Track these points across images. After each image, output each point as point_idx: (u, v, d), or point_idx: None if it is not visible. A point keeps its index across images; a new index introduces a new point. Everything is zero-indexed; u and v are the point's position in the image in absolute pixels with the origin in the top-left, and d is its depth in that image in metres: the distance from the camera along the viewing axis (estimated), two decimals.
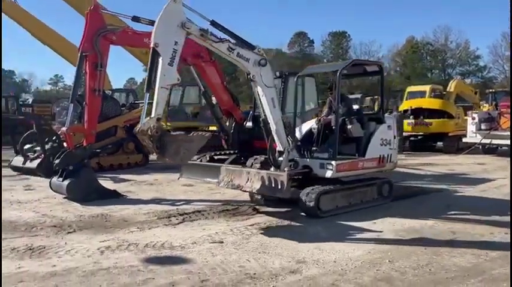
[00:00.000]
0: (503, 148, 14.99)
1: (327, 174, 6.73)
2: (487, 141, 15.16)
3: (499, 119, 15.54)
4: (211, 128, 16.76)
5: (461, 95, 19.76)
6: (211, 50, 6.67)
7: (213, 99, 10.37)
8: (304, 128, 7.70)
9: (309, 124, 7.76)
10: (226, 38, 6.33)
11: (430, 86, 19.46)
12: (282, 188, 6.22)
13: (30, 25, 17.27)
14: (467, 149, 15.88)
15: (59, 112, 23.66)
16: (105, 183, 8.83)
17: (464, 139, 16.38)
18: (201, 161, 9.33)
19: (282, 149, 6.64)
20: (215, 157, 9.82)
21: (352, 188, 7.04)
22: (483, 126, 15.55)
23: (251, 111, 9.95)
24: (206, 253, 4.90)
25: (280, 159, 6.66)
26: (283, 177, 6.25)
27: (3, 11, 16.55)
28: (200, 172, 8.30)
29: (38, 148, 10.66)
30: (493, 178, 10.43)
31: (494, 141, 14.94)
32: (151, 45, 5.63)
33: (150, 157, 12.16)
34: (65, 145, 8.81)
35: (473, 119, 15.88)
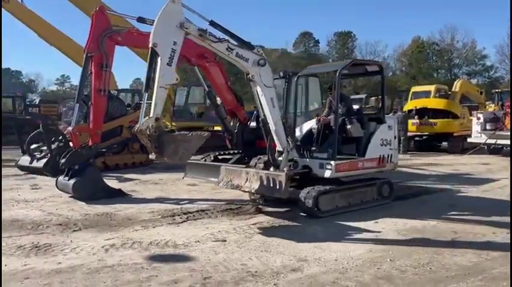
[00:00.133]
0: (508, 148, 14.93)
1: (326, 174, 6.72)
2: (492, 141, 15.12)
3: (504, 119, 15.50)
4: (216, 128, 16.88)
5: (466, 95, 19.68)
6: (210, 50, 6.65)
7: (218, 100, 10.45)
8: (305, 128, 7.72)
9: (309, 124, 7.77)
10: (226, 38, 6.32)
11: (435, 86, 19.40)
12: (280, 188, 6.21)
13: (37, 26, 17.40)
14: (472, 149, 15.83)
15: (65, 112, 23.82)
16: (111, 182, 8.93)
17: (469, 139, 16.33)
18: (205, 161, 9.41)
19: (281, 149, 6.64)
20: (219, 157, 9.89)
21: (351, 188, 7.03)
22: (488, 127, 15.50)
23: (255, 111, 10.00)
24: (209, 251, 4.96)
25: (279, 159, 6.66)
26: (282, 177, 6.24)
27: (11, 12, 16.71)
28: (204, 171, 8.35)
29: (45, 148, 10.77)
30: (497, 178, 10.40)
31: (500, 141, 14.89)
32: (150, 45, 5.67)
33: (149, 157, 12.23)
34: (71, 144, 8.91)
35: (478, 119, 15.84)
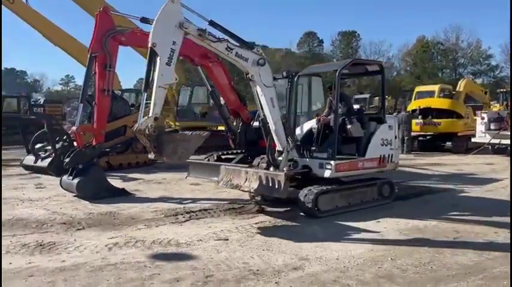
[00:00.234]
0: None
1: (326, 174, 6.70)
2: (496, 141, 15.09)
3: (509, 119, 15.46)
4: (219, 128, 16.92)
5: (470, 95, 19.64)
6: (210, 50, 6.62)
7: (221, 99, 10.47)
8: (305, 128, 7.71)
9: (309, 124, 7.77)
10: (225, 37, 6.32)
11: (439, 86, 19.35)
12: (279, 188, 6.20)
13: (41, 26, 17.50)
14: (476, 149, 15.79)
15: (69, 112, 23.94)
16: (114, 182, 8.98)
17: (473, 139, 16.30)
18: (208, 161, 9.45)
19: (281, 149, 6.62)
20: (222, 157, 9.92)
21: (351, 188, 7.01)
22: (492, 126, 15.47)
23: (258, 111, 10.02)
24: (211, 250, 5.00)
25: (279, 159, 6.64)
26: (281, 177, 6.22)
27: (15, 12, 16.81)
28: (207, 171, 8.38)
29: (49, 147, 10.84)
30: (501, 178, 10.38)
31: (504, 141, 14.84)
32: (149, 45, 5.68)
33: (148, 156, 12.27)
34: (75, 144, 8.97)
35: (483, 119, 15.81)
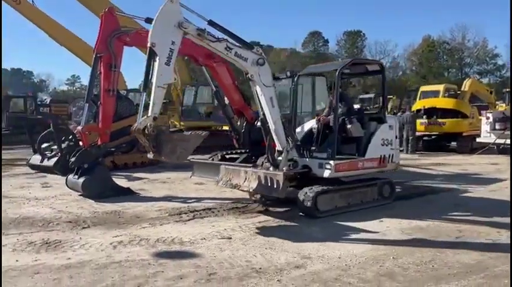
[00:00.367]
0: None
1: (326, 174, 6.69)
2: (502, 141, 15.03)
3: None
4: (224, 128, 16.99)
5: (476, 95, 19.56)
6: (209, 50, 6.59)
7: (225, 99, 10.51)
8: (305, 128, 7.72)
9: (310, 124, 7.77)
10: (224, 37, 6.32)
11: (444, 86, 19.33)
12: (278, 187, 6.18)
13: (47, 26, 17.63)
14: (481, 149, 15.74)
15: (75, 112, 24.08)
16: (119, 181, 9.06)
17: (478, 139, 16.24)
18: (212, 160, 9.49)
19: (281, 149, 6.61)
20: (226, 156, 9.95)
21: (351, 189, 6.99)
22: (497, 126, 15.42)
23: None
24: (214, 248, 5.05)
25: (279, 159, 6.62)
26: (280, 177, 6.21)
27: (21, 13, 16.96)
28: (211, 170, 8.40)
29: (55, 147, 10.90)
30: (505, 178, 10.33)
31: (509, 141, 14.78)
32: (148, 45, 5.70)
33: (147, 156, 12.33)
34: (80, 143, 9.05)
35: (488, 118, 15.77)
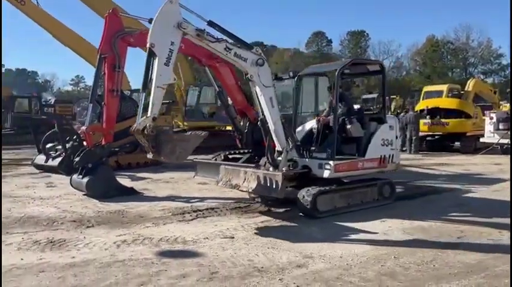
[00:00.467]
0: None
1: (325, 174, 6.69)
2: (505, 141, 15.00)
3: None
4: (227, 128, 17.04)
5: (479, 95, 19.49)
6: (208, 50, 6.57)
7: (228, 99, 10.55)
8: (306, 128, 7.73)
9: (310, 124, 7.77)
10: (224, 38, 6.33)
11: (447, 86, 19.25)
12: (276, 188, 6.17)
13: (52, 27, 17.71)
14: (484, 149, 15.72)
15: (79, 112, 24.20)
16: (123, 181, 9.12)
17: (481, 139, 16.21)
18: (215, 160, 9.53)
19: (280, 149, 6.60)
20: (230, 156, 9.99)
21: (351, 189, 6.99)
22: (501, 126, 15.38)
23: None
24: (217, 248, 5.09)
25: (279, 159, 6.60)
26: (278, 177, 6.20)
27: (26, 13, 17.06)
28: (214, 170, 8.43)
29: (60, 147, 11.00)
30: (508, 178, 10.29)
31: None
32: (147, 45, 5.72)
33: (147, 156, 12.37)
34: (84, 143, 9.12)
35: (491, 118, 15.74)
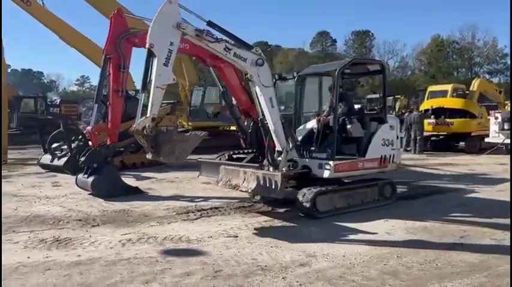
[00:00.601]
0: None
1: (325, 174, 6.67)
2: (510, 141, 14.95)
3: None
4: (231, 128, 17.10)
5: (484, 94, 19.44)
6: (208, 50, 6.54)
7: (233, 100, 10.60)
8: (307, 128, 7.71)
9: (311, 124, 7.77)
10: (223, 38, 6.33)
11: (452, 86, 19.21)
12: (276, 188, 6.16)
13: (57, 28, 17.79)
14: (489, 149, 15.67)
15: (85, 112, 24.34)
16: (128, 180, 9.19)
17: (486, 139, 16.18)
18: (219, 160, 9.57)
19: (280, 149, 6.59)
20: (234, 156, 10.04)
21: (351, 189, 6.97)
22: (506, 126, 15.34)
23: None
24: (221, 246, 5.13)
25: (279, 159, 6.59)
26: (278, 177, 6.18)
27: (32, 14, 17.17)
28: (219, 170, 8.49)
29: (65, 147, 11.09)
30: None
31: None
32: (146, 45, 5.74)
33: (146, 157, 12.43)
34: (90, 143, 9.19)
35: (496, 118, 15.70)
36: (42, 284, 4.05)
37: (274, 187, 6.20)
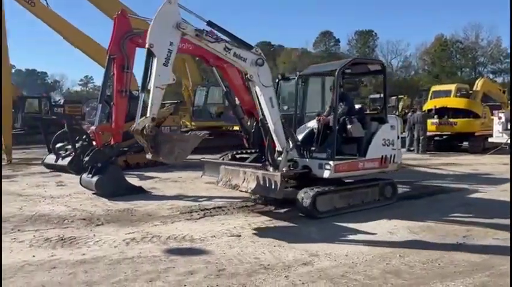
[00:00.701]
0: None
1: (325, 174, 6.67)
2: None
3: None
4: (235, 128, 17.13)
5: (488, 94, 19.37)
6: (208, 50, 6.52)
7: (236, 100, 10.62)
8: (307, 128, 7.72)
9: (311, 124, 7.77)
10: (223, 38, 6.34)
11: (455, 85, 19.16)
12: (275, 188, 6.17)
13: (61, 28, 17.84)
14: (493, 149, 15.64)
15: (88, 112, 24.41)
16: (132, 180, 9.24)
17: (490, 139, 16.13)
18: (223, 160, 9.60)
19: (280, 149, 6.58)
20: (237, 156, 10.07)
21: (351, 189, 6.96)
22: (510, 126, 15.30)
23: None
24: (224, 246, 5.17)
25: (279, 159, 6.58)
26: (277, 177, 6.19)
27: (36, 14, 17.25)
28: None
29: (69, 147, 11.14)
30: None
31: None
32: (146, 46, 5.76)
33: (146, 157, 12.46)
34: (94, 143, 9.24)
35: (500, 118, 15.67)
36: (47, 283, 4.10)
37: (273, 187, 6.21)
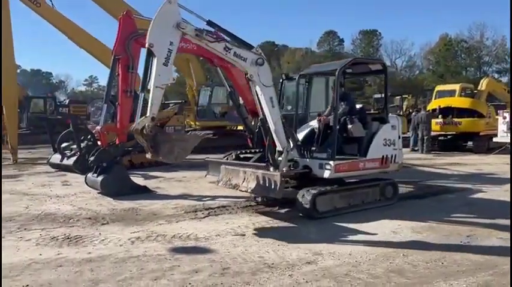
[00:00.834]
0: None
1: (326, 174, 6.65)
2: None
3: None
4: (239, 127, 17.18)
5: (493, 94, 19.32)
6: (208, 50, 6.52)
7: (240, 99, 10.66)
8: (308, 128, 7.72)
9: (312, 124, 7.77)
10: (224, 37, 6.35)
11: (460, 85, 19.10)
12: (275, 188, 6.15)
13: (67, 28, 17.94)
14: (498, 149, 15.60)
15: (93, 112, 24.55)
16: (136, 179, 9.29)
17: (495, 139, 16.07)
18: (227, 160, 9.64)
19: (281, 149, 6.54)
20: (241, 156, 10.10)
21: (351, 189, 6.94)
22: (510, 126, 15.24)
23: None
24: (228, 244, 5.20)
25: (279, 159, 6.54)
26: (277, 177, 6.17)
27: (41, 15, 17.35)
28: None
29: (75, 146, 11.21)
30: None
31: None
32: (146, 45, 5.78)
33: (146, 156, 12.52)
34: (99, 143, 9.30)
35: (505, 118, 15.59)
36: (54, 281, 4.15)
37: (273, 186, 6.20)
